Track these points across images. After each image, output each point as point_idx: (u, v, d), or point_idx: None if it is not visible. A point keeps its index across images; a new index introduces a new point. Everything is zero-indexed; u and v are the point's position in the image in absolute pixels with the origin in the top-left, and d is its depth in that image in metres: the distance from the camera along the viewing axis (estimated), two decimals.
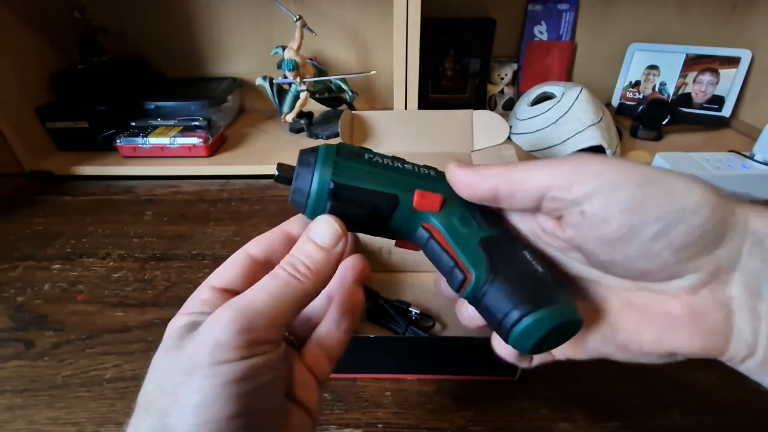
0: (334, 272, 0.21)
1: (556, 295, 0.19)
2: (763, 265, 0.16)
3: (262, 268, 0.22)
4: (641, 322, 0.19)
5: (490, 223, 0.22)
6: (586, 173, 0.18)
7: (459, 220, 0.22)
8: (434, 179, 0.23)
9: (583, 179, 0.18)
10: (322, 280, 0.20)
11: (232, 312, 0.17)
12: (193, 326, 0.18)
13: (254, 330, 0.17)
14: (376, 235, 0.23)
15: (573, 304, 0.20)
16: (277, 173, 0.23)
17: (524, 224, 0.22)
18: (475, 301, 0.20)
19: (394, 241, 0.24)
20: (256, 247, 0.22)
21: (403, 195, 0.22)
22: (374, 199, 0.21)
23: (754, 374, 0.18)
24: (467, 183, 0.21)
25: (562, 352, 0.23)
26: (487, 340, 0.34)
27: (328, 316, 0.24)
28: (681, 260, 0.17)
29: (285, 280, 0.19)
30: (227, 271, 0.21)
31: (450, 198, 0.22)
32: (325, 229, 0.20)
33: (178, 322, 0.19)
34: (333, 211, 0.21)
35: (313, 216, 0.21)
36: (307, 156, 0.22)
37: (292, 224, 0.23)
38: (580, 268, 0.22)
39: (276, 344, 0.19)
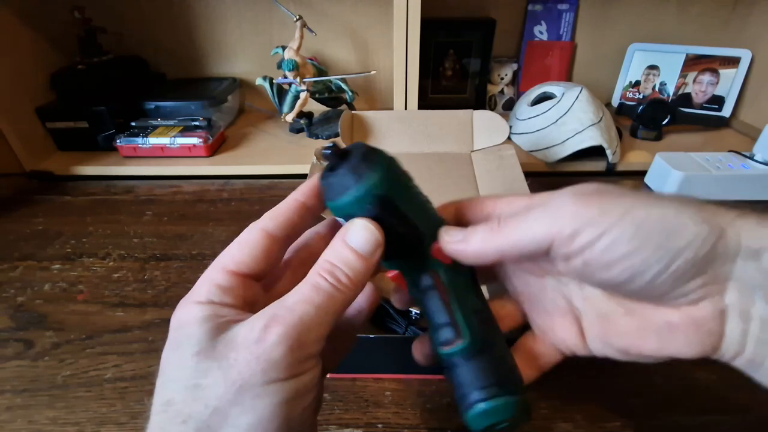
0: (371, 274, 0.20)
1: (520, 385, 0.21)
2: (758, 274, 0.17)
3: (280, 246, 0.20)
4: (642, 330, 0.20)
5: (478, 289, 0.23)
6: (585, 223, 0.18)
7: (463, 281, 0.22)
8: None
9: (582, 230, 0.18)
10: (359, 290, 0.19)
11: (283, 329, 0.16)
12: (218, 323, 0.17)
13: (304, 347, 0.17)
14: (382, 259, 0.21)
15: (526, 396, 0.21)
16: (330, 151, 0.20)
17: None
18: (451, 363, 0.21)
19: (387, 271, 0.24)
20: (272, 223, 0.20)
21: (428, 237, 0.21)
22: (406, 227, 0.20)
23: (743, 369, 0.19)
24: (474, 255, 0.20)
25: (568, 347, 0.23)
26: None
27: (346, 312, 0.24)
28: (679, 285, 0.18)
29: (328, 291, 0.18)
30: (242, 252, 0.20)
31: None
32: (364, 235, 0.19)
33: (195, 312, 0.18)
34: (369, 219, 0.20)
35: (339, 212, 0.20)
36: (368, 152, 0.20)
37: (306, 195, 0.21)
38: (578, 286, 0.22)
39: (317, 359, 0.18)
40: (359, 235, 0.19)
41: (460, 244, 0.21)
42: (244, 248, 0.20)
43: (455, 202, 0.24)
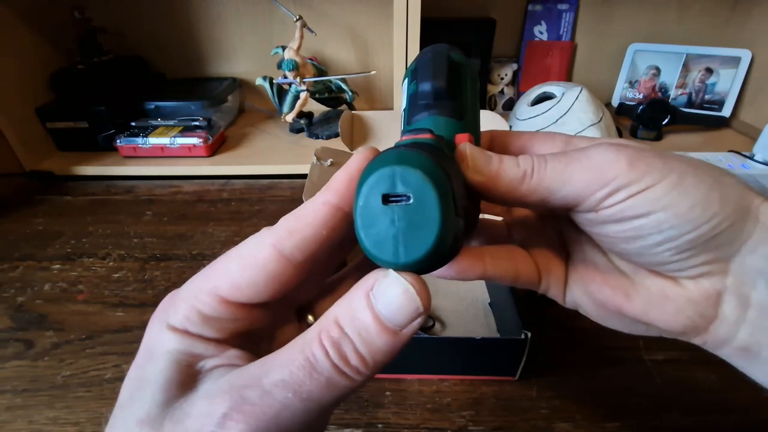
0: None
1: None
2: (764, 261, 0.16)
3: (298, 270, 0.15)
4: (631, 291, 0.19)
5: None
6: (626, 181, 0.16)
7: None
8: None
9: (622, 187, 0.16)
10: (376, 372, 0.14)
11: (246, 428, 0.12)
12: (183, 372, 0.14)
13: None
14: None
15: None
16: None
17: None
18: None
19: None
20: (291, 241, 0.15)
21: (465, 127, 0.20)
22: (456, 101, 0.20)
23: (728, 359, 0.18)
24: (501, 191, 0.17)
25: (545, 282, 0.21)
26: (487, 340, 0.35)
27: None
28: (685, 258, 0.17)
29: (326, 376, 0.13)
30: (243, 275, 0.15)
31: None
32: (399, 299, 0.13)
33: (166, 343, 0.14)
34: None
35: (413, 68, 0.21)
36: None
37: (339, 194, 0.15)
38: (577, 232, 0.20)
39: None
40: (392, 297, 0.13)
41: (491, 178, 0.17)
42: (246, 270, 0.15)
43: (491, 131, 0.22)
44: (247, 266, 0.15)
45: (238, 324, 0.15)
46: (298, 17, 0.70)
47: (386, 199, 0.14)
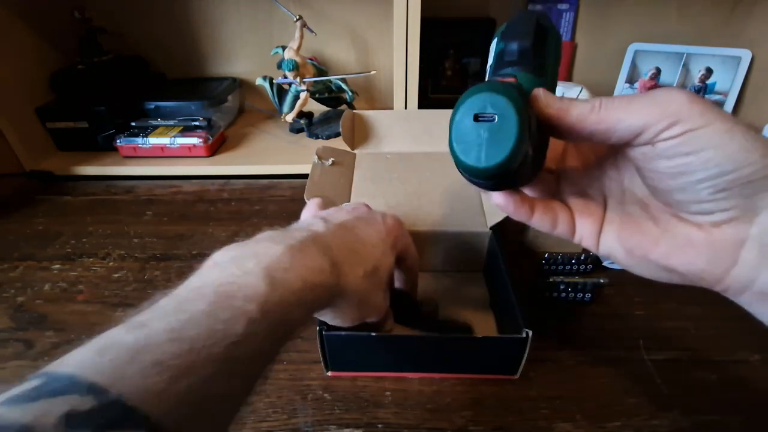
0: None
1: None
2: None
3: None
4: (659, 236, 0.22)
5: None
6: (684, 117, 0.18)
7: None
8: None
9: (678, 122, 0.19)
10: None
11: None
12: None
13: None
14: None
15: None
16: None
17: None
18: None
19: None
20: None
21: (546, 77, 0.24)
22: (542, 56, 0.24)
23: (749, 306, 0.20)
24: (570, 125, 0.21)
25: (580, 232, 0.25)
26: (488, 339, 0.35)
27: None
28: (716, 200, 0.19)
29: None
30: None
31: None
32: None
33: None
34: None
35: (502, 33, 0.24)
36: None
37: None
38: (618, 182, 0.24)
39: None
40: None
41: (561, 109, 0.21)
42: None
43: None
44: None
45: None
46: (298, 17, 0.70)
47: (476, 117, 0.20)
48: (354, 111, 0.57)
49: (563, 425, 0.33)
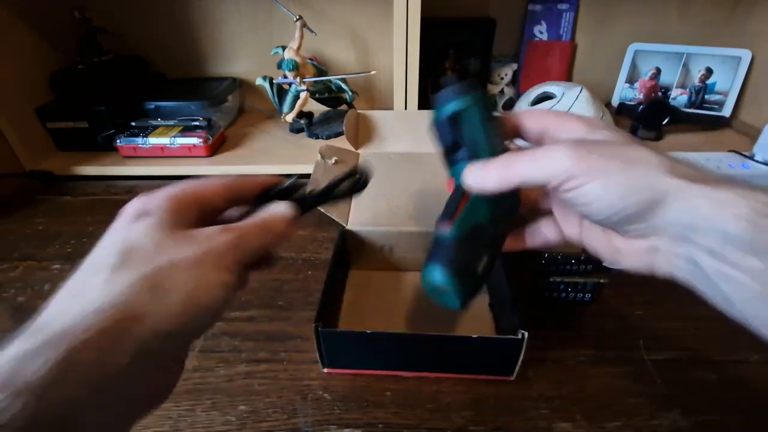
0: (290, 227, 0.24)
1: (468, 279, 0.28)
2: (680, 229, 0.22)
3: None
4: (606, 244, 0.27)
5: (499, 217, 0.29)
6: (572, 175, 0.23)
7: (483, 207, 0.28)
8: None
9: (568, 180, 0.23)
10: (282, 235, 0.24)
11: (233, 234, 0.22)
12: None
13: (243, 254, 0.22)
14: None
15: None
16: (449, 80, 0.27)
17: None
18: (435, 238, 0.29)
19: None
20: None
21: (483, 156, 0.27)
22: (471, 142, 0.27)
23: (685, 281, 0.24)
24: (490, 188, 0.26)
25: (568, 236, 0.29)
26: (483, 339, 0.34)
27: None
28: (623, 226, 0.24)
29: (265, 228, 0.24)
30: (208, 187, 0.25)
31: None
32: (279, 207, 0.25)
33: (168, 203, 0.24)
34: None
35: (439, 115, 0.27)
36: (470, 84, 0.27)
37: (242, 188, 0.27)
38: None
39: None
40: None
41: (477, 178, 0.26)
42: (211, 183, 0.26)
43: (522, 111, 0.29)
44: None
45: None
46: (298, 17, 0.70)
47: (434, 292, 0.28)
48: (358, 111, 0.57)
49: (563, 425, 0.33)
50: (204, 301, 0.19)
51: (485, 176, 0.25)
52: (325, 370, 0.37)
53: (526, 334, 0.32)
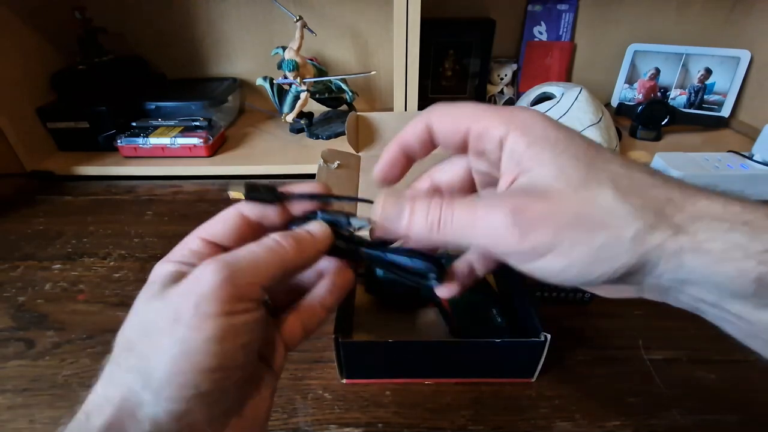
0: (318, 254, 0.22)
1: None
2: (669, 283, 0.19)
3: (252, 228, 0.23)
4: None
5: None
6: (504, 246, 0.18)
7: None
8: None
9: (509, 252, 0.19)
10: (305, 254, 0.21)
11: (216, 264, 0.18)
12: (179, 275, 0.19)
13: (238, 286, 0.18)
14: None
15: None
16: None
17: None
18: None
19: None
20: (249, 207, 0.23)
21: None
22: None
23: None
24: (418, 241, 0.23)
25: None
26: (506, 343, 0.34)
27: (315, 291, 0.24)
28: (602, 286, 0.20)
29: (269, 246, 0.20)
30: (218, 226, 0.22)
31: None
32: (315, 225, 0.23)
33: (164, 268, 0.20)
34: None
35: None
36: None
37: (258, 211, 0.24)
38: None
39: (257, 304, 0.19)
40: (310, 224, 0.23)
41: (400, 226, 0.20)
42: (219, 222, 0.23)
43: (431, 118, 0.23)
44: (219, 219, 0.23)
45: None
46: (298, 17, 0.70)
47: None
48: (358, 113, 0.57)
49: (563, 425, 0.33)
50: (197, 363, 0.17)
51: (400, 221, 0.20)
52: (344, 380, 0.36)
53: (549, 336, 0.32)
